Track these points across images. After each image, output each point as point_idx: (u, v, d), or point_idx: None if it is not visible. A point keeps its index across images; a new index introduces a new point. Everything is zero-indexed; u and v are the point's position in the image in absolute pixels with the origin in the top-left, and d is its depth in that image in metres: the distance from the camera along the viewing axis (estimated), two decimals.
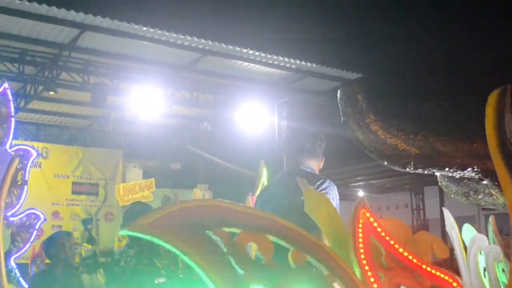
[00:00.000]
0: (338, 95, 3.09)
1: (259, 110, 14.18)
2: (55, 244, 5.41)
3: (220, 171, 17.41)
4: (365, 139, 3.03)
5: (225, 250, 1.94)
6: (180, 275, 4.70)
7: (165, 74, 13.31)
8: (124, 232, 1.82)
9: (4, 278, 2.70)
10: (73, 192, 16.17)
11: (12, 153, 2.87)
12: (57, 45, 11.86)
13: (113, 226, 16.02)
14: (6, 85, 5.88)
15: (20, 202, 5.84)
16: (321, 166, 3.98)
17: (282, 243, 2.07)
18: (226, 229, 1.99)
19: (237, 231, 2.01)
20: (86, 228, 14.00)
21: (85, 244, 12.47)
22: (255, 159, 8.66)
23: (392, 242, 2.33)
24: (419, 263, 2.36)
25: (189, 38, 11.87)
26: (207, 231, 1.94)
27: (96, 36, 11.55)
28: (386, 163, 3.08)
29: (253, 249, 2.14)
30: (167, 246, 1.82)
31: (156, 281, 4.37)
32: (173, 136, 17.29)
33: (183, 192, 17.93)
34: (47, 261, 6.96)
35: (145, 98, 12.82)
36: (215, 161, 17.51)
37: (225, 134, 16.26)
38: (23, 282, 6.07)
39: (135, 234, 1.80)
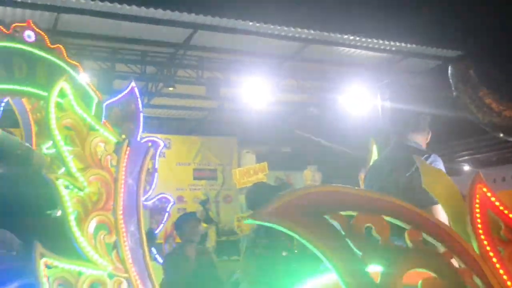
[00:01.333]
0: (450, 71, 2.96)
1: (362, 93, 14.00)
2: (185, 225, 5.65)
3: (328, 152, 17.32)
4: (479, 112, 2.89)
5: (343, 233, 1.94)
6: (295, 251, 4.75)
7: (272, 64, 13.41)
8: (249, 222, 1.85)
9: (148, 255, 2.87)
10: (194, 178, 16.78)
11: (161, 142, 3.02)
12: (173, 45, 12.29)
13: (232, 207, 16.50)
14: (133, 84, 6.16)
15: (152, 187, 6.14)
16: (428, 139, 3.78)
17: (398, 222, 2.03)
18: (343, 213, 1.98)
19: (354, 214, 1.99)
20: (204, 208, 14.46)
21: (203, 223, 12.79)
22: (360, 140, 8.54)
23: (511, 215, 2.20)
24: None
25: (293, 29, 11.88)
26: (325, 216, 1.93)
27: (207, 34, 11.82)
28: (502, 135, 2.93)
29: None
30: (289, 232, 1.84)
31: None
32: (282, 121, 17.38)
33: (294, 173, 18.02)
34: (177, 240, 7.25)
35: (254, 88, 13.05)
36: (322, 144, 17.45)
37: (331, 117, 16.13)
38: (159, 259, 6.38)
39: (258, 222, 1.84)
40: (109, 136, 2.95)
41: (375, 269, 1.94)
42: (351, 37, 12.52)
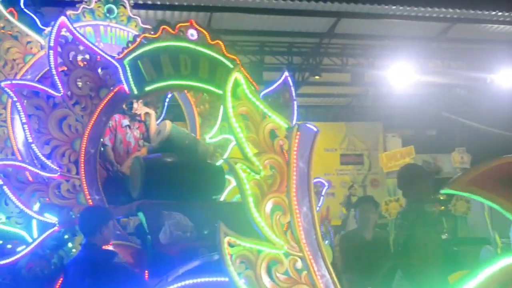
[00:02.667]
0: None
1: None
2: (358, 208, 5.73)
3: (476, 134, 16.39)
4: None
5: None
6: None
7: (416, 47, 12.94)
8: (446, 192, 1.78)
9: (320, 235, 2.89)
10: (341, 163, 16.69)
11: (314, 128, 3.03)
12: (317, 35, 12.30)
13: (379, 191, 16.18)
14: (286, 73, 6.23)
15: None
16: None
17: None
18: None
19: None
20: (349, 193, 14.36)
21: (343, 208, 12.68)
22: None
23: None
24: None
25: (437, 9, 11.35)
26: None
27: (350, 22, 11.70)
28: None
29: None
30: (488, 203, 1.74)
31: None
32: (427, 104, 16.72)
33: (441, 156, 17.31)
34: (333, 222, 7.25)
35: (398, 72, 12.72)
36: (470, 125, 16.56)
37: (479, 98, 15.25)
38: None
39: (454, 192, 1.76)
40: (281, 122, 3.00)
41: None
42: (499, 13, 11.71)
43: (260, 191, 2.88)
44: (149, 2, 10.10)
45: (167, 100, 7.07)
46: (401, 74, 12.76)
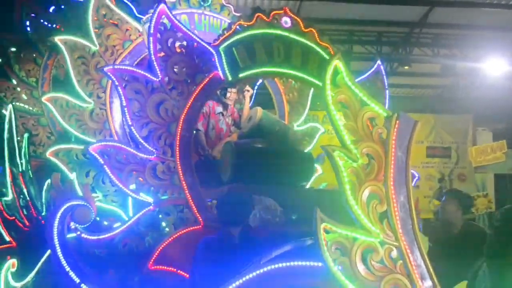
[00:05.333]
0: None
1: None
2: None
3: None
4: None
5: None
6: None
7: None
8: None
9: (416, 225, 2.86)
10: (427, 156, 16.29)
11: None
12: (408, 24, 11.99)
13: (466, 186, 15.63)
14: (379, 62, 6.13)
15: None
16: None
17: None
18: None
19: None
20: (440, 186, 14.06)
21: (434, 200, 12.43)
22: None
23: None
24: None
25: None
26: None
27: (444, 11, 11.31)
28: None
29: None
30: None
31: None
32: None
33: None
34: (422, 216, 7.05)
35: (492, 63, 12.19)
36: None
37: None
38: None
39: None
40: (380, 111, 2.96)
41: None
42: None
43: (357, 179, 2.87)
44: None
45: (255, 88, 7.15)
46: (495, 66, 12.22)
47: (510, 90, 15.11)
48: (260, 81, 6.85)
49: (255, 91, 7.13)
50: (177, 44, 4.94)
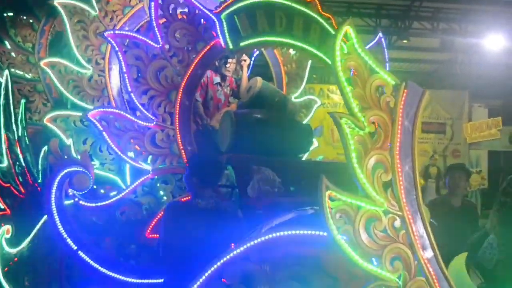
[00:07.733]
0: None
1: None
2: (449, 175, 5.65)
3: None
4: None
5: None
6: None
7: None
8: None
9: (420, 196, 2.87)
10: (422, 131, 16.24)
11: None
12: None
13: (460, 162, 15.71)
14: (380, 34, 6.09)
15: None
16: None
17: None
18: None
19: None
20: (428, 164, 14.20)
21: (421, 178, 12.50)
22: None
23: None
24: None
25: None
26: None
27: None
28: None
29: None
30: None
31: None
32: None
33: None
34: None
35: (492, 39, 12.14)
36: None
37: None
38: None
39: None
40: (388, 79, 2.95)
41: None
42: None
43: (363, 147, 2.87)
44: None
45: (253, 58, 7.09)
46: (494, 42, 12.17)
47: (507, 67, 15.11)
48: (257, 52, 6.78)
49: (252, 61, 7.08)
50: (179, 10, 4.89)
